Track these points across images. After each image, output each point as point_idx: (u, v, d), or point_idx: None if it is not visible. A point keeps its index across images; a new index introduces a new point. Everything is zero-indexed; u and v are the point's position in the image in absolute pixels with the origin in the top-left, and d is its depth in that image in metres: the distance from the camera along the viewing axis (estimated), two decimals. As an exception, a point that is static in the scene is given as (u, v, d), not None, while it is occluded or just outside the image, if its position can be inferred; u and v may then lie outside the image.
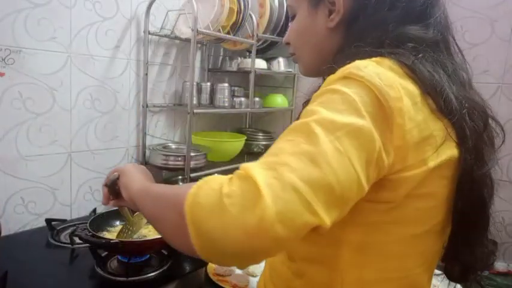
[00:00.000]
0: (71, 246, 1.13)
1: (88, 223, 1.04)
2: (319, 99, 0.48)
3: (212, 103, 1.65)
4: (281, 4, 1.71)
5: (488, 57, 1.41)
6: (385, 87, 0.47)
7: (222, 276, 1.05)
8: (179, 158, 1.47)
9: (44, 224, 1.23)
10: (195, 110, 1.46)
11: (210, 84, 1.65)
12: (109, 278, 0.98)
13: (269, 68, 1.82)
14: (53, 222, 1.24)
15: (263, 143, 1.89)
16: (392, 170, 0.48)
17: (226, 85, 1.64)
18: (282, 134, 0.47)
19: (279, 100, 1.91)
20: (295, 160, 0.42)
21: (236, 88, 1.74)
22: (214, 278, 1.02)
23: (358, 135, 0.44)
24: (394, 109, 0.46)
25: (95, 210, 1.38)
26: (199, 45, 1.77)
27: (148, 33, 1.49)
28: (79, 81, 1.33)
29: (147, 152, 1.57)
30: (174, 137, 1.74)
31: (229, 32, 1.55)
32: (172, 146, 1.63)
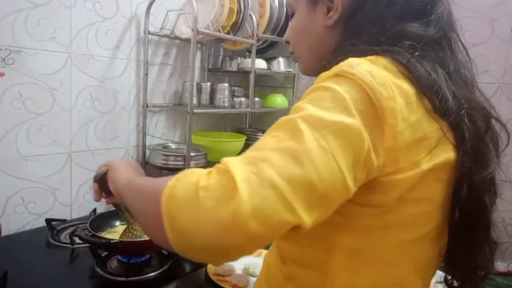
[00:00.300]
0: (71, 246, 1.13)
1: (88, 223, 1.04)
2: (309, 96, 0.47)
3: (212, 103, 1.65)
4: (281, 4, 1.71)
5: (488, 57, 1.41)
6: (377, 86, 0.45)
7: (222, 276, 1.04)
8: (179, 158, 1.47)
9: (44, 224, 1.23)
10: (195, 110, 1.46)
11: (210, 84, 1.65)
12: (109, 278, 0.98)
13: (269, 68, 1.82)
14: (53, 222, 1.23)
15: (263, 143, 1.89)
16: (383, 173, 0.47)
17: (226, 85, 1.64)
18: (269, 129, 0.46)
19: (279, 100, 1.91)
20: (277, 156, 0.41)
21: (236, 88, 1.74)
22: (214, 278, 1.02)
23: (345, 134, 0.43)
24: (386, 109, 0.45)
25: (95, 210, 1.38)
26: (199, 45, 1.77)
27: (148, 33, 1.49)
28: (79, 81, 1.33)
29: (147, 152, 1.57)
30: (174, 137, 1.74)
31: (229, 32, 1.55)
32: (172, 146, 1.64)
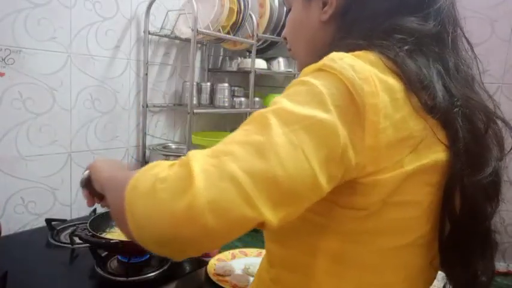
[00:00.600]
0: (71, 246, 1.12)
1: (88, 223, 1.04)
2: (287, 91, 0.46)
3: (212, 103, 1.65)
4: (281, 4, 1.71)
5: (488, 57, 1.40)
6: (359, 81, 0.43)
7: (222, 276, 1.04)
8: (179, 158, 1.47)
9: (44, 224, 1.23)
10: (195, 110, 1.46)
11: (210, 84, 1.65)
12: (109, 278, 0.98)
13: (269, 68, 1.82)
14: (53, 222, 1.23)
15: (263, 143, 1.89)
16: (364, 172, 0.44)
17: (226, 85, 1.64)
18: (243, 123, 0.45)
19: (279, 100, 1.90)
20: (241, 150, 0.39)
21: (236, 88, 1.74)
22: (214, 278, 1.02)
23: (318, 129, 0.41)
24: (367, 105, 0.42)
25: (95, 210, 1.37)
26: (199, 45, 1.77)
27: (148, 33, 1.49)
28: (79, 81, 1.33)
29: (147, 152, 1.57)
30: (174, 137, 1.74)
31: (229, 32, 1.55)
32: (172, 146, 1.64)
